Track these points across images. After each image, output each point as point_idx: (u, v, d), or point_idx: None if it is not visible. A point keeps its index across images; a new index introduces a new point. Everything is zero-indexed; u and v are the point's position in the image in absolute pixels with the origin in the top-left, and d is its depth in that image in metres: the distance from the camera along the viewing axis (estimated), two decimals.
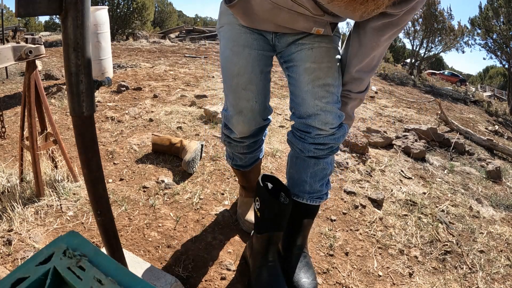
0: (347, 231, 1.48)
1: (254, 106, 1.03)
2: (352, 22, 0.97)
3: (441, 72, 23.08)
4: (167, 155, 1.97)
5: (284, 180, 1.17)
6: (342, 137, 1.03)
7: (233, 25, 1.03)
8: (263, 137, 1.25)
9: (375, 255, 1.36)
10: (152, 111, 2.77)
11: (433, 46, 14.30)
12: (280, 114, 3.04)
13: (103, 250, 0.97)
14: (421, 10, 13.38)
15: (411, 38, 14.35)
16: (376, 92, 5.49)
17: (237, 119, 1.05)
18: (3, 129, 1.62)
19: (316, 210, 1.16)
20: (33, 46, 1.32)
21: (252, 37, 1.02)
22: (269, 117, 1.14)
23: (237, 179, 1.60)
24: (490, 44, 11.66)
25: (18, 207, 1.37)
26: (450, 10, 14.26)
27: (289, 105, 1.08)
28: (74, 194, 1.54)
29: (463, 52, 15.38)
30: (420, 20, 13.51)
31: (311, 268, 1.13)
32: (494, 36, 11.25)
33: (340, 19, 0.93)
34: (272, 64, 1.10)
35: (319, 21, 0.92)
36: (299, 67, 1.00)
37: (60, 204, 1.46)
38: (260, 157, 1.34)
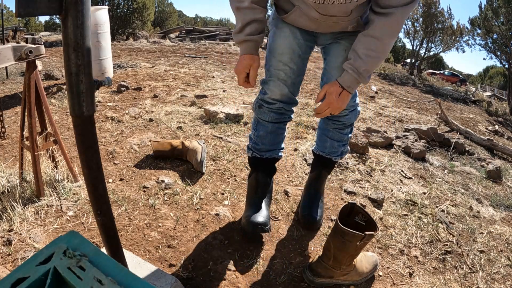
0: None
1: (287, 79, 1.28)
2: None
3: (441, 72, 23.08)
4: None
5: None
6: (354, 118, 1.36)
7: (281, 21, 1.26)
8: (285, 128, 1.44)
9: None
10: (152, 111, 2.77)
11: (433, 46, 14.30)
12: None
13: (103, 250, 0.97)
14: (421, 10, 13.38)
15: (411, 38, 14.33)
16: (376, 92, 5.49)
17: (273, 83, 1.29)
18: (3, 129, 1.62)
19: (332, 165, 1.54)
20: (33, 46, 1.32)
21: (296, 30, 1.24)
22: (293, 108, 1.39)
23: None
24: (490, 44, 11.65)
25: (18, 207, 1.37)
26: (450, 10, 14.21)
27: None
28: (74, 194, 1.54)
29: (463, 51, 15.37)
30: (421, 19, 13.50)
31: (321, 209, 1.52)
32: (494, 36, 11.24)
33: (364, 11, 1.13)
34: (311, 52, 1.32)
35: (350, 20, 1.13)
36: (332, 63, 1.25)
37: (60, 204, 1.46)
38: (278, 155, 1.47)
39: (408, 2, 0.99)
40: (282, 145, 1.48)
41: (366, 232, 1.03)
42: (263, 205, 1.40)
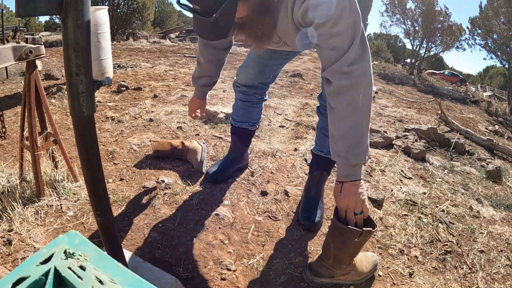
0: None
1: (254, 69, 1.49)
2: None
3: (441, 72, 23.08)
4: None
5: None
6: None
7: None
8: (260, 104, 1.66)
9: None
10: (152, 111, 2.77)
11: (433, 46, 14.30)
12: (280, 114, 3.04)
13: (103, 250, 0.97)
14: (420, 10, 13.38)
15: (411, 38, 14.34)
16: (376, 92, 5.49)
17: (242, 70, 1.53)
18: (4, 129, 1.62)
19: (331, 165, 1.53)
20: (33, 46, 1.32)
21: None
22: (266, 92, 1.62)
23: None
24: (490, 44, 11.66)
25: (18, 207, 1.37)
26: (447, 9, 14.19)
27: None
28: (74, 194, 1.54)
29: (464, 50, 15.28)
30: (420, 19, 13.50)
31: (321, 209, 1.53)
32: (495, 36, 11.25)
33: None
34: (286, 58, 1.47)
35: None
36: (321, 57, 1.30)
37: (60, 204, 1.46)
38: (249, 127, 1.70)
39: (339, 55, 0.89)
40: (257, 120, 1.70)
41: (364, 228, 1.03)
42: (228, 165, 1.76)
